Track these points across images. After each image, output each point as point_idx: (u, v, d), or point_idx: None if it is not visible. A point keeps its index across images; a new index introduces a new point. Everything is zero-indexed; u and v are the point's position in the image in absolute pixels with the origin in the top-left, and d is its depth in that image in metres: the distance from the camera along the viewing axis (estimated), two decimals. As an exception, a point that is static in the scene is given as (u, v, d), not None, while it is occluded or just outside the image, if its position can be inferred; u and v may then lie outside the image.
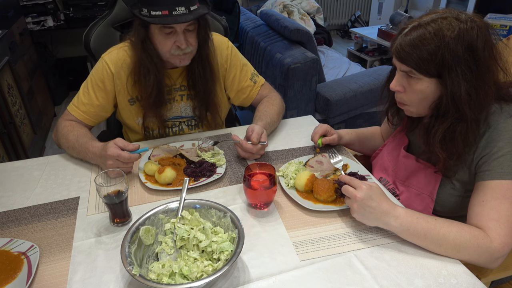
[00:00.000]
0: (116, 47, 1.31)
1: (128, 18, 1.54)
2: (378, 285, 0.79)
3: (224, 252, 0.80)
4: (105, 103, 1.31)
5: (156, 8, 1.10)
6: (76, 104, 1.30)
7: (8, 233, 0.95)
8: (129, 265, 0.76)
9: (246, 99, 1.45)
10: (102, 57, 1.30)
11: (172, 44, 1.18)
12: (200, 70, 1.30)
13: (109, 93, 1.30)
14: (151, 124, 1.37)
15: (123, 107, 1.34)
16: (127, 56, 1.28)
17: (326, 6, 5.41)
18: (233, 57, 1.40)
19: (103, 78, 1.28)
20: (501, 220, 0.85)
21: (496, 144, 0.90)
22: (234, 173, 1.17)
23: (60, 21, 3.61)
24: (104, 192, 0.91)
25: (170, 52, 1.20)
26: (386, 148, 1.23)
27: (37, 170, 1.21)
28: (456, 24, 0.86)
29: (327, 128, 1.25)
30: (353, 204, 0.89)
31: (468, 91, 0.87)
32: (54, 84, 3.69)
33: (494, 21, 3.04)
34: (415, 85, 0.93)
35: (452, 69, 0.86)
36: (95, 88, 1.29)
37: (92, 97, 1.29)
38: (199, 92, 1.34)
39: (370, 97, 2.56)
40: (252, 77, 1.44)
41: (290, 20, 2.53)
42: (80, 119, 1.29)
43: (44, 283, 0.81)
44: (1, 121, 2.22)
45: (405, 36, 0.90)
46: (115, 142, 1.09)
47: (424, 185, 1.06)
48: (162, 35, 1.17)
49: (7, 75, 2.44)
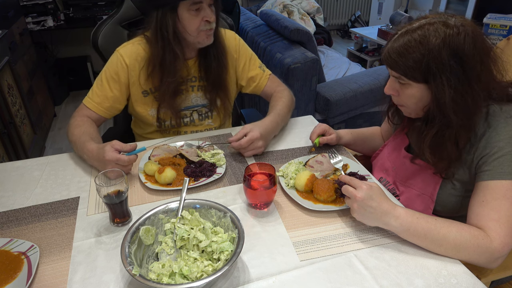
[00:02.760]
0: (129, 42, 1.35)
1: (136, 16, 1.56)
2: (378, 285, 0.79)
3: (224, 252, 0.80)
4: (119, 95, 1.33)
5: None
6: (91, 96, 1.32)
7: (8, 233, 0.95)
8: (129, 265, 0.76)
9: (257, 87, 1.49)
10: (117, 50, 1.33)
11: (200, 20, 1.23)
12: (215, 52, 1.34)
13: (123, 85, 1.33)
14: (164, 115, 1.40)
15: (136, 99, 1.37)
16: (142, 49, 1.32)
17: (326, 6, 5.41)
18: (242, 47, 1.46)
19: (118, 70, 1.31)
20: (501, 220, 0.85)
21: (496, 144, 0.90)
22: (234, 173, 1.17)
23: (60, 21, 3.61)
24: (104, 192, 0.91)
25: (199, 29, 1.24)
26: (387, 148, 1.23)
27: (37, 170, 1.21)
28: (442, 30, 0.85)
29: (326, 127, 1.25)
30: (353, 204, 0.89)
31: (454, 97, 0.87)
32: (54, 84, 3.69)
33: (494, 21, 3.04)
34: (406, 90, 0.94)
35: (437, 76, 0.86)
36: (110, 80, 1.31)
37: (106, 89, 1.31)
38: (211, 78, 1.38)
39: (370, 97, 2.56)
40: (260, 65, 1.49)
41: (290, 20, 2.53)
42: (95, 110, 1.31)
43: (44, 283, 0.81)
44: (1, 121, 2.22)
45: (393, 43, 0.91)
46: (112, 145, 1.09)
47: (424, 185, 1.06)
48: (190, 13, 1.22)
49: (7, 75, 2.44)
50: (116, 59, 1.32)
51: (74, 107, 4.10)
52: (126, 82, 1.33)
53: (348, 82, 2.57)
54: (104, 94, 1.32)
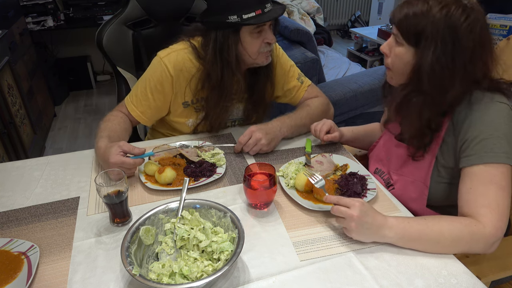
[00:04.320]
0: (174, 49, 1.29)
1: (141, 17, 1.55)
2: (378, 285, 0.79)
3: (224, 252, 0.80)
4: (162, 105, 1.31)
5: (248, 10, 1.13)
6: (135, 103, 1.30)
7: (8, 233, 0.95)
8: (129, 265, 0.76)
9: (293, 99, 1.46)
10: (161, 58, 1.26)
11: (261, 42, 1.21)
12: (264, 70, 1.32)
13: (167, 96, 1.30)
14: (201, 126, 1.38)
15: (176, 109, 1.34)
16: (188, 60, 1.27)
17: (326, 6, 5.41)
18: (281, 56, 1.42)
19: (162, 80, 1.27)
20: (491, 206, 0.86)
21: (477, 128, 0.92)
22: (234, 173, 1.17)
23: (60, 21, 3.61)
24: (104, 192, 0.91)
25: (259, 51, 1.22)
26: (382, 139, 1.25)
27: (37, 170, 1.21)
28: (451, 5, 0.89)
29: (331, 124, 1.26)
30: (351, 223, 0.86)
31: (433, 65, 0.90)
32: (54, 84, 3.69)
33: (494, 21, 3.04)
34: (397, 49, 0.97)
35: (427, 42, 0.90)
36: (153, 90, 1.28)
37: (150, 99, 1.29)
38: (254, 95, 1.36)
39: (370, 97, 2.56)
40: (299, 77, 1.45)
41: (290, 20, 2.54)
42: (137, 119, 1.31)
43: (44, 283, 0.81)
44: (1, 121, 2.22)
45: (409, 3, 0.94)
46: (119, 146, 1.07)
47: (416, 171, 1.07)
48: (252, 35, 1.20)
49: (7, 75, 2.44)
50: (160, 69, 1.26)
51: (74, 107, 4.12)
52: (170, 93, 1.30)
53: (348, 82, 2.57)
54: (148, 104, 1.29)
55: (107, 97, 3.91)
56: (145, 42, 1.69)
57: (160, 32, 1.71)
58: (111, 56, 1.63)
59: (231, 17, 1.14)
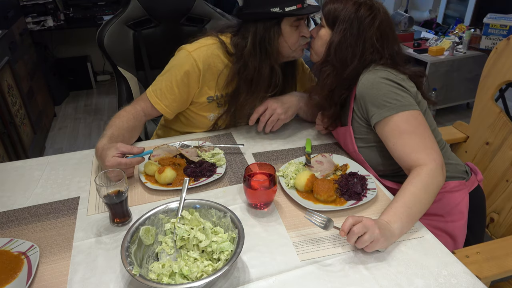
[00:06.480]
0: (203, 43, 1.29)
1: (142, 16, 1.55)
2: (378, 285, 0.79)
3: (224, 252, 0.81)
4: (186, 98, 1.31)
5: (290, 3, 1.19)
6: (159, 96, 1.29)
7: (8, 233, 0.95)
8: (129, 265, 0.76)
9: None
10: (190, 52, 1.26)
11: (298, 35, 1.27)
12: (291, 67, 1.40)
13: (192, 89, 1.30)
14: (221, 121, 1.40)
15: (199, 102, 1.34)
16: (216, 55, 1.29)
17: (326, 6, 5.40)
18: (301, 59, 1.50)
19: (189, 74, 1.27)
20: (419, 149, 1.01)
21: (363, 91, 1.10)
22: (234, 173, 1.17)
23: (60, 21, 3.61)
24: (104, 192, 0.91)
25: (297, 44, 1.28)
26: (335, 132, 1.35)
27: (37, 170, 1.21)
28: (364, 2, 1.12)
29: None
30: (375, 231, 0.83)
31: (340, 43, 1.12)
32: (54, 84, 3.69)
33: (494, 21, 3.04)
34: (319, 32, 1.19)
35: (340, 25, 1.12)
36: (180, 83, 1.27)
37: (176, 93, 1.28)
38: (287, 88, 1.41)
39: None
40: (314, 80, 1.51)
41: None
42: (162, 112, 1.30)
43: (44, 283, 0.81)
44: (1, 121, 2.23)
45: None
46: (116, 148, 1.06)
47: (346, 144, 1.22)
48: (292, 28, 1.24)
49: (7, 75, 2.44)
50: (189, 62, 1.26)
51: (74, 107, 4.11)
52: (196, 86, 1.30)
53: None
54: (173, 98, 1.29)
55: (107, 97, 3.92)
56: (145, 42, 1.69)
57: (161, 32, 1.71)
58: (112, 56, 1.63)
59: (274, 9, 1.18)
